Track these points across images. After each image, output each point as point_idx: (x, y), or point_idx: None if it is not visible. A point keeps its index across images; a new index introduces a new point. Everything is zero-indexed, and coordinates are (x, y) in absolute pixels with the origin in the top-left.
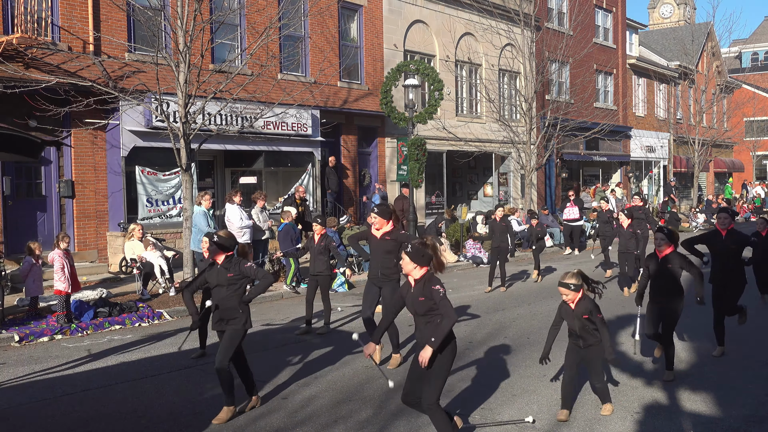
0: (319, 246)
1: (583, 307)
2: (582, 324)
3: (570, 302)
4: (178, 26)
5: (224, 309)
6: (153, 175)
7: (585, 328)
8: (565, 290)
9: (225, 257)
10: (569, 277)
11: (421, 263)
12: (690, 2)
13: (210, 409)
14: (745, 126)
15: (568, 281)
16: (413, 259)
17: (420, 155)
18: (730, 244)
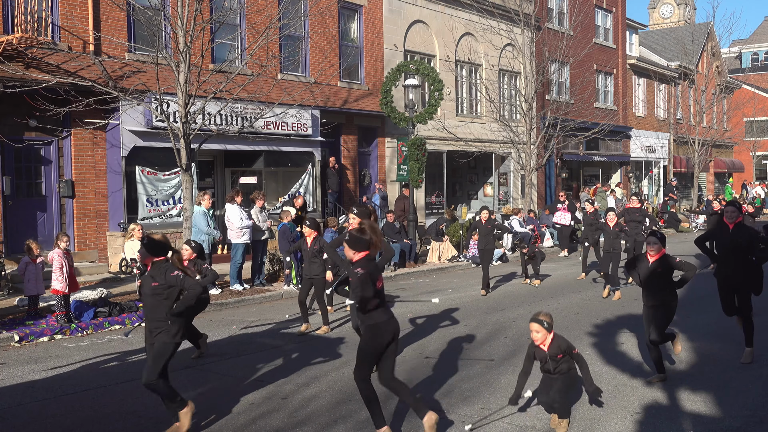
0: (312, 249)
1: (557, 347)
2: (556, 365)
3: (542, 344)
4: (179, 26)
5: (150, 320)
6: (153, 175)
7: (560, 368)
8: (537, 327)
9: (153, 263)
10: (543, 315)
11: (358, 249)
12: (690, 2)
13: (210, 408)
14: (745, 126)
15: (543, 318)
16: (351, 246)
17: (420, 155)
18: (737, 238)
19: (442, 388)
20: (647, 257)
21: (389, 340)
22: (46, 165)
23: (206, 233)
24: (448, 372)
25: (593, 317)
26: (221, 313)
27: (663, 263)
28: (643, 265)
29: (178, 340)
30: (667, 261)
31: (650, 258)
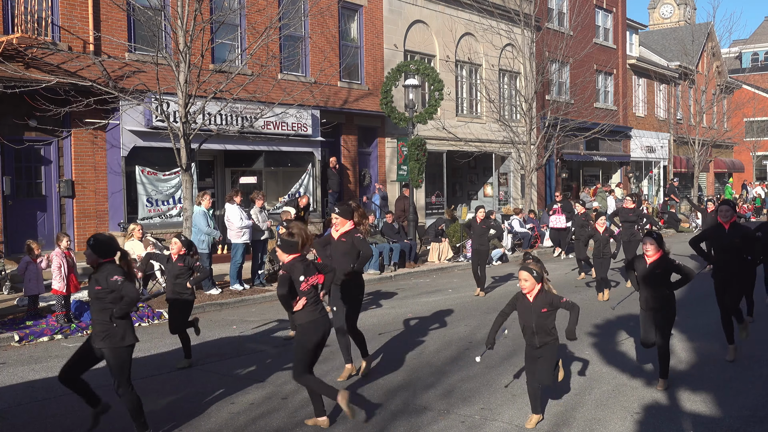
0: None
1: (542, 301)
2: (539, 319)
3: (528, 293)
4: (179, 26)
5: (96, 323)
6: (153, 174)
7: (542, 324)
8: (526, 275)
9: (100, 265)
10: (534, 263)
11: (289, 252)
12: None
13: (211, 409)
14: (745, 126)
15: (532, 266)
16: (282, 249)
17: (420, 155)
18: (733, 238)
19: (442, 388)
20: (645, 258)
21: (318, 339)
22: (46, 165)
23: (206, 233)
24: (448, 372)
25: (593, 317)
26: (221, 313)
27: (661, 265)
28: (641, 267)
29: (127, 342)
30: (666, 262)
31: (648, 259)
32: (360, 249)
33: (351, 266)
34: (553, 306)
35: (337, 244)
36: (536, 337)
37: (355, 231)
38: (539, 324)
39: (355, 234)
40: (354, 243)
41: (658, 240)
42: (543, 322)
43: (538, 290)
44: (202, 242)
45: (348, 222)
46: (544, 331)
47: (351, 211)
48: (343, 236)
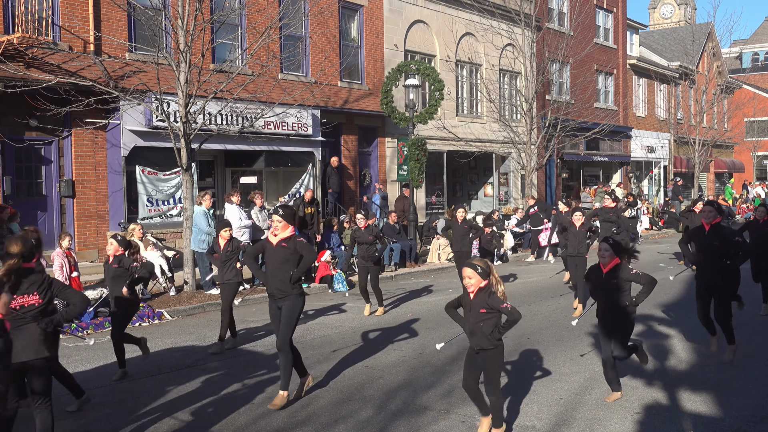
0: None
1: (482, 300)
2: (477, 320)
3: (471, 292)
4: (179, 26)
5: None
6: (153, 174)
7: (479, 326)
8: (470, 272)
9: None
10: (479, 260)
11: None
12: (690, 2)
13: (209, 409)
14: (746, 126)
15: (477, 263)
16: None
17: (420, 155)
18: (713, 240)
19: (442, 388)
20: (600, 267)
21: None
22: (46, 165)
23: (207, 233)
24: (448, 372)
25: (593, 317)
26: None
27: (616, 274)
28: (596, 277)
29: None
30: (621, 272)
31: (603, 268)
32: (303, 254)
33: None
34: (492, 308)
35: (276, 250)
36: (473, 338)
37: (298, 235)
38: (475, 325)
39: (298, 238)
40: (297, 248)
41: (615, 246)
42: (479, 324)
43: (480, 288)
44: (202, 242)
45: (290, 227)
46: (481, 334)
47: (294, 214)
48: (283, 241)
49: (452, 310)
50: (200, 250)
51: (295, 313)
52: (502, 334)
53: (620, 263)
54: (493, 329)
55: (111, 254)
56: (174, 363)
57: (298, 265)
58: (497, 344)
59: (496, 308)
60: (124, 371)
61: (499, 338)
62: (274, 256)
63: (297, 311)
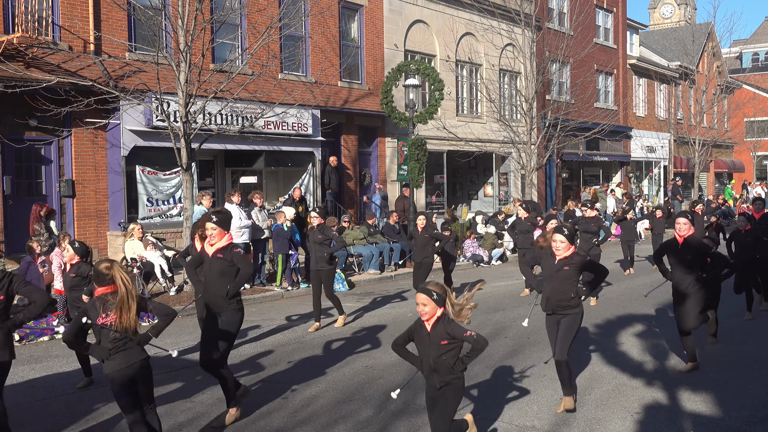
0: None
1: (442, 330)
2: (438, 353)
3: (426, 321)
4: (179, 26)
5: None
6: (153, 174)
7: (442, 360)
8: (424, 298)
9: None
10: (434, 285)
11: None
12: (691, 2)
13: (208, 409)
14: (746, 126)
15: (432, 288)
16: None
17: (420, 155)
18: (686, 254)
19: None
20: (554, 255)
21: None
22: (46, 165)
23: None
24: None
25: (593, 317)
26: None
27: (570, 262)
28: (548, 264)
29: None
30: (576, 261)
31: (556, 255)
32: (240, 267)
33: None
34: (454, 338)
35: (212, 261)
36: (436, 375)
37: (234, 246)
38: (437, 360)
39: (235, 249)
40: (233, 260)
41: (570, 237)
42: (441, 357)
43: (438, 317)
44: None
45: (226, 234)
46: (445, 369)
47: (230, 221)
48: (219, 252)
49: (401, 347)
50: None
51: (231, 330)
52: (465, 366)
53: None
54: (456, 361)
55: (68, 262)
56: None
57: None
58: (460, 375)
59: (459, 338)
60: (90, 379)
61: (462, 369)
62: (211, 268)
63: (234, 328)
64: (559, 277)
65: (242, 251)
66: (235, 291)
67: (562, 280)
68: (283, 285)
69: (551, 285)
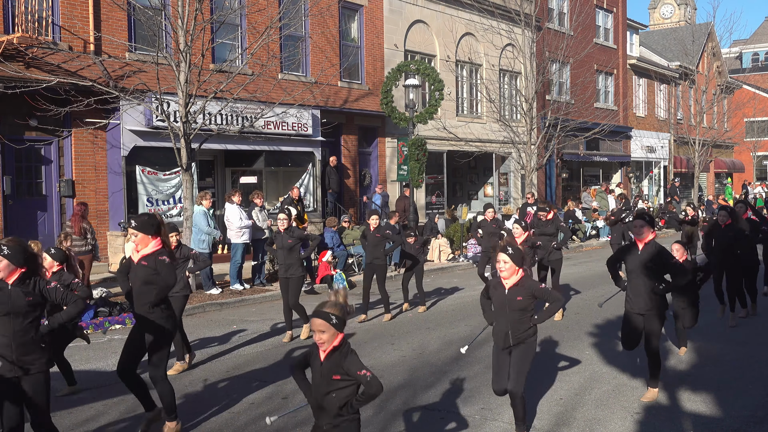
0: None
1: (336, 363)
2: (328, 388)
3: (322, 349)
4: (179, 26)
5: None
6: (153, 174)
7: (330, 398)
8: (321, 323)
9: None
10: (332, 306)
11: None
12: (690, 2)
13: (211, 409)
14: (746, 126)
15: (330, 311)
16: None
17: (420, 155)
18: (646, 261)
19: (442, 387)
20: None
21: None
22: (46, 165)
23: (206, 233)
24: (448, 372)
25: (593, 317)
26: (221, 313)
27: (522, 290)
28: (497, 294)
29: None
30: (528, 287)
31: (504, 282)
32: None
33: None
34: (348, 375)
35: (136, 269)
36: (321, 414)
37: (162, 252)
38: (326, 397)
39: (160, 256)
40: (157, 268)
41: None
42: (330, 394)
43: (334, 347)
44: (202, 242)
45: (153, 240)
46: (334, 410)
47: (155, 224)
48: (144, 259)
49: (299, 372)
50: (201, 250)
51: (162, 341)
52: (356, 409)
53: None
54: (347, 403)
55: (47, 270)
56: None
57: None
58: (354, 417)
59: (353, 375)
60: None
61: (353, 413)
62: (135, 276)
63: (163, 337)
64: (514, 309)
65: (168, 259)
66: (156, 301)
67: (517, 312)
68: None
69: (505, 319)
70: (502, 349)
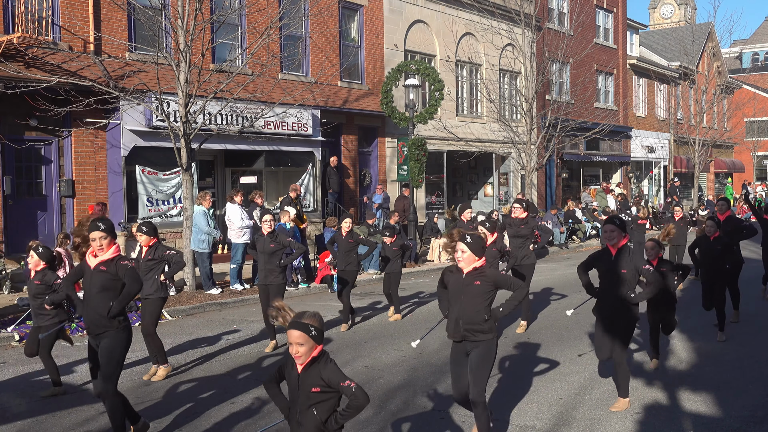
0: (147, 262)
1: (315, 375)
2: (307, 402)
3: (300, 363)
4: (179, 26)
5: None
6: (153, 174)
7: (310, 413)
8: (299, 336)
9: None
10: (310, 317)
11: None
12: (690, 2)
13: (211, 409)
14: (746, 126)
15: (308, 322)
16: None
17: (420, 155)
18: (619, 267)
19: (442, 388)
20: (459, 269)
21: None
22: (46, 165)
23: (206, 233)
24: (448, 372)
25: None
26: (221, 313)
27: (481, 275)
28: (454, 280)
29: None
30: (489, 274)
31: (463, 269)
32: (125, 281)
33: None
34: (330, 387)
35: (93, 275)
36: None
37: (121, 258)
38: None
39: (122, 261)
40: (119, 273)
41: (473, 245)
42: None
43: (313, 358)
44: (202, 242)
45: (114, 245)
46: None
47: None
48: (103, 264)
49: (273, 386)
50: (200, 250)
51: (116, 353)
52: (340, 425)
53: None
54: (329, 417)
55: (33, 269)
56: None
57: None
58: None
59: (335, 386)
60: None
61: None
62: (91, 281)
63: (118, 350)
64: (469, 294)
65: (129, 264)
66: (119, 309)
67: (473, 298)
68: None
69: (459, 305)
70: (456, 343)
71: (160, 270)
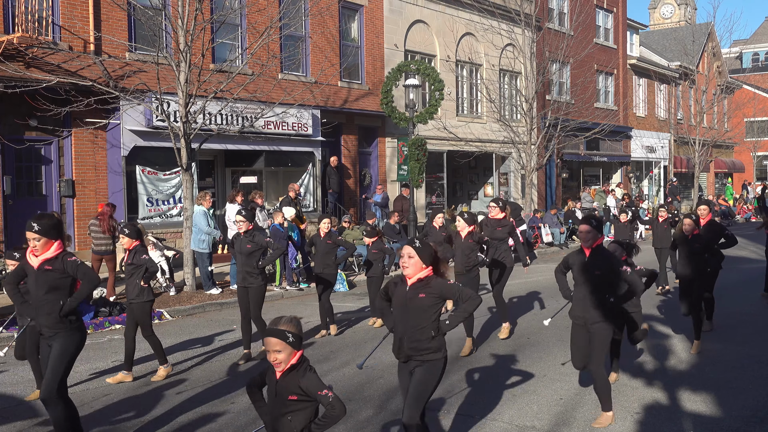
0: (127, 266)
1: (293, 382)
2: (283, 410)
3: (279, 370)
4: (179, 26)
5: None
6: (153, 174)
7: (286, 421)
8: (277, 343)
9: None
10: (287, 323)
11: None
12: (691, 2)
13: (211, 409)
14: (746, 126)
15: (286, 328)
16: None
17: (420, 155)
18: (594, 269)
19: (442, 388)
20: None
21: None
22: (46, 165)
23: (207, 233)
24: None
25: None
26: (221, 313)
27: (426, 287)
28: (398, 293)
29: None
30: (435, 286)
31: (408, 277)
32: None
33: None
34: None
35: (37, 276)
36: None
37: (68, 254)
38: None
39: (69, 257)
40: (67, 270)
41: (422, 250)
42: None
43: (292, 366)
44: (202, 242)
45: (55, 243)
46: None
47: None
48: (47, 263)
49: (255, 391)
50: (200, 250)
51: (67, 355)
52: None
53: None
54: (305, 427)
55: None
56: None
57: (71, 292)
58: None
59: (313, 395)
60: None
61: None
62: (37, 283)
63: (69, 352)
64: (413, 310)
65: (78, 259)
66: (71, 307)
67: (418, 314)
68: (282, 285)
69: (403, 322)
70: (402, 363)
71: (141, 274)
